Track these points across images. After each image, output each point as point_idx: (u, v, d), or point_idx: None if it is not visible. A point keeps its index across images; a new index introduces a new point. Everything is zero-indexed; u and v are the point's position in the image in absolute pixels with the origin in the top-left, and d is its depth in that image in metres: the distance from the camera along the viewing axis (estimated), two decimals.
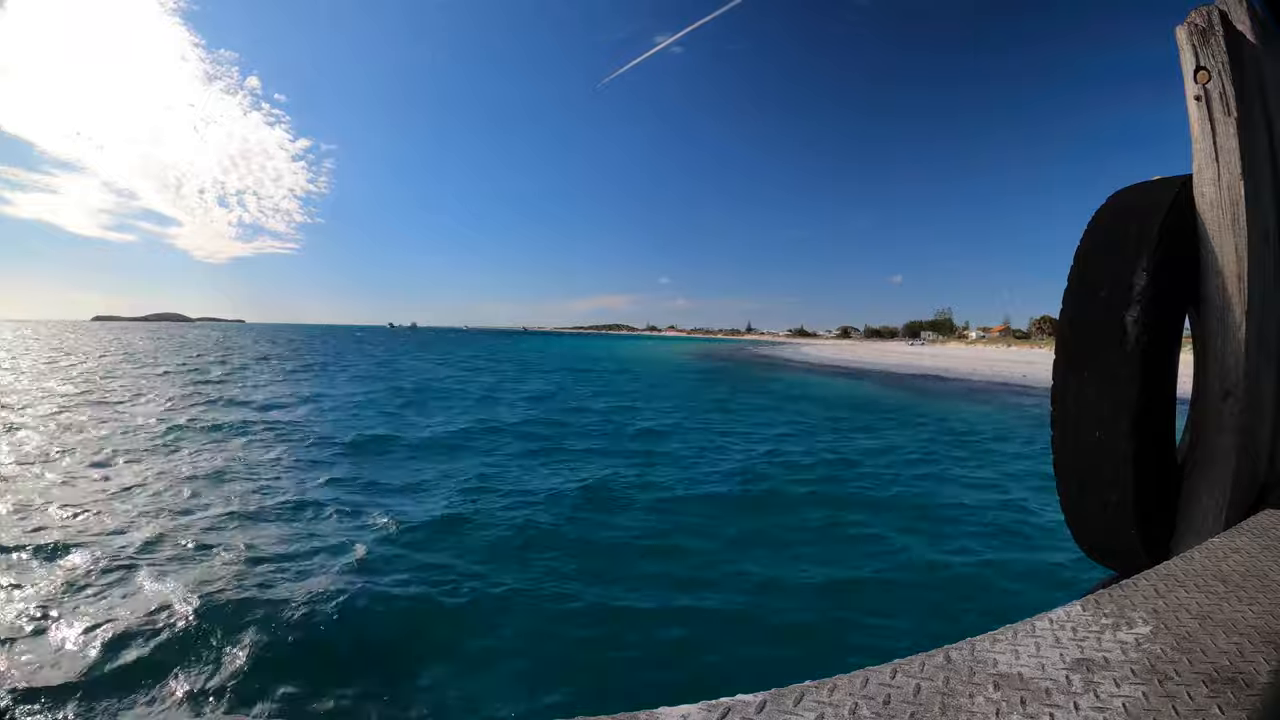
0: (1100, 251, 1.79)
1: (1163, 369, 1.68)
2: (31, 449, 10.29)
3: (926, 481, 9.71)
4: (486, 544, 6.35)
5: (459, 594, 5.11)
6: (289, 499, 7.75)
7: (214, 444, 11.30)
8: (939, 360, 49.99)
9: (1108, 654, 1.01)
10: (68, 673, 3.86)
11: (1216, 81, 1.78)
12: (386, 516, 7.02)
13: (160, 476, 8.74)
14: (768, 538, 6.74)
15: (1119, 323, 1.67)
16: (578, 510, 7.55)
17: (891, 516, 7.64)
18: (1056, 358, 1.82)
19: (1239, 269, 1.75)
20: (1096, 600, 1.22)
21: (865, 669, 0.96)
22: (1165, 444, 1.77)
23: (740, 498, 8.42)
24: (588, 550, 6.24)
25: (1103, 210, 1.88)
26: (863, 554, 6.29)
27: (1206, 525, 1.77)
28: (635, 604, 4.99)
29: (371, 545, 6.09)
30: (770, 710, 0.85)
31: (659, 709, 0.84)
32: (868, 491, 8.87)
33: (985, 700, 0.88)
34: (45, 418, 13.43)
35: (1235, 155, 1.75)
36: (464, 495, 8.18)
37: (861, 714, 0.84)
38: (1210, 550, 1.49)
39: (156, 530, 6.37)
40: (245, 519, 6.90)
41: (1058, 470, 1.83)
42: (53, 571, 5.34)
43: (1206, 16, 1.81)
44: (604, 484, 8.84)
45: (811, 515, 7.60)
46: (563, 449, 11.74)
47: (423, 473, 9.53)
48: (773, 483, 9.19)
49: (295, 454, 10.62)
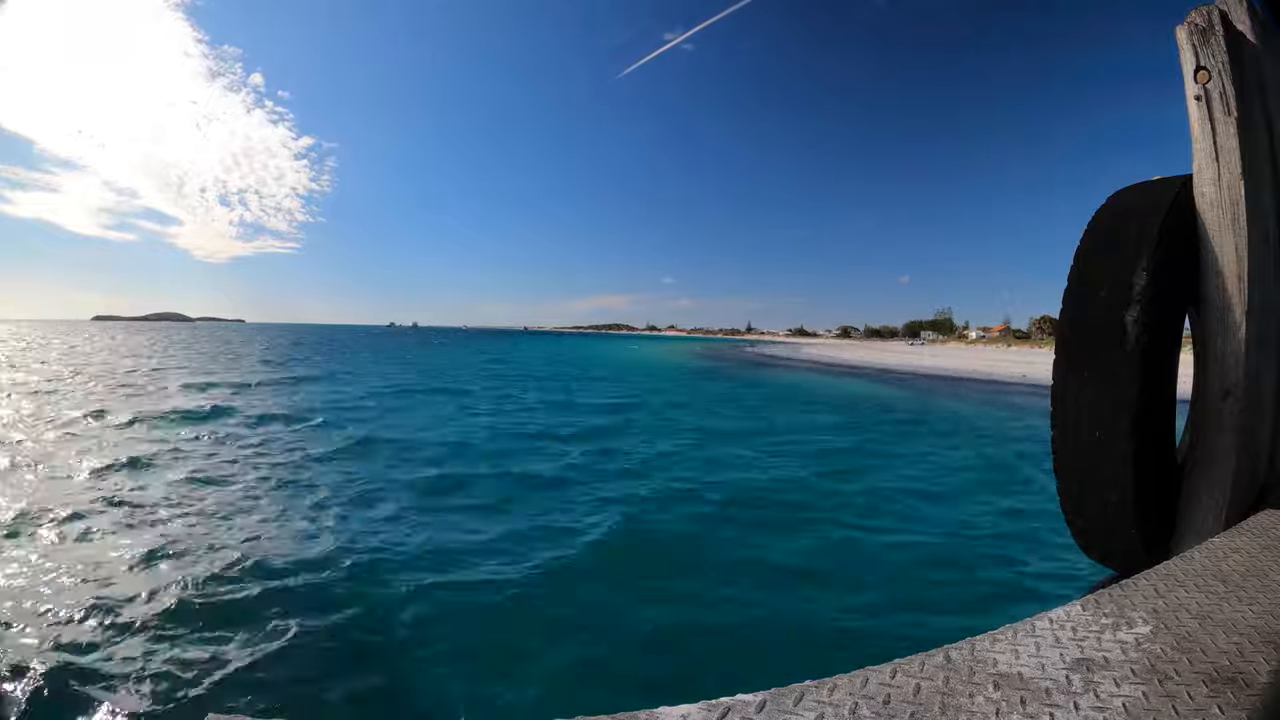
0: (1100, 251, 1.79)
1: (1163, 369, 1.68)
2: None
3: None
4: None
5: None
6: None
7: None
8: (945, 360, 48.87)
9: (1108, 654, 1.01)
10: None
11: (1216, 81, 1.78)
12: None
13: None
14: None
15: (1119, 323, 1.67)
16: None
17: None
18: (1056, 358, 1.81)
19: (1239, 269, 1.75)
20: (1096, 600, 1.22)
21: (865, 669, 0.96)
22: (1165, 444, 1.77)
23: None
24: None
25: (1103, 210, 1.88)
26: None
27: (1206, 525, 1.77)
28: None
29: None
30: (770, 710, 0.84)
31: (659, 709, 0.84)
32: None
33: (985, 700, 0.87)
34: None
35: (1235, 155, 1.75)
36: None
37: (861, 714, 0.84)
38: (1210, 550, 1.49)
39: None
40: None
41: (1058, 470, 1.83)
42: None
43: (1206, 16, 1.81)
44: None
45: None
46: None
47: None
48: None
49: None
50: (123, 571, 5.31)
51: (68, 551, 5.74)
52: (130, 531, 6.33)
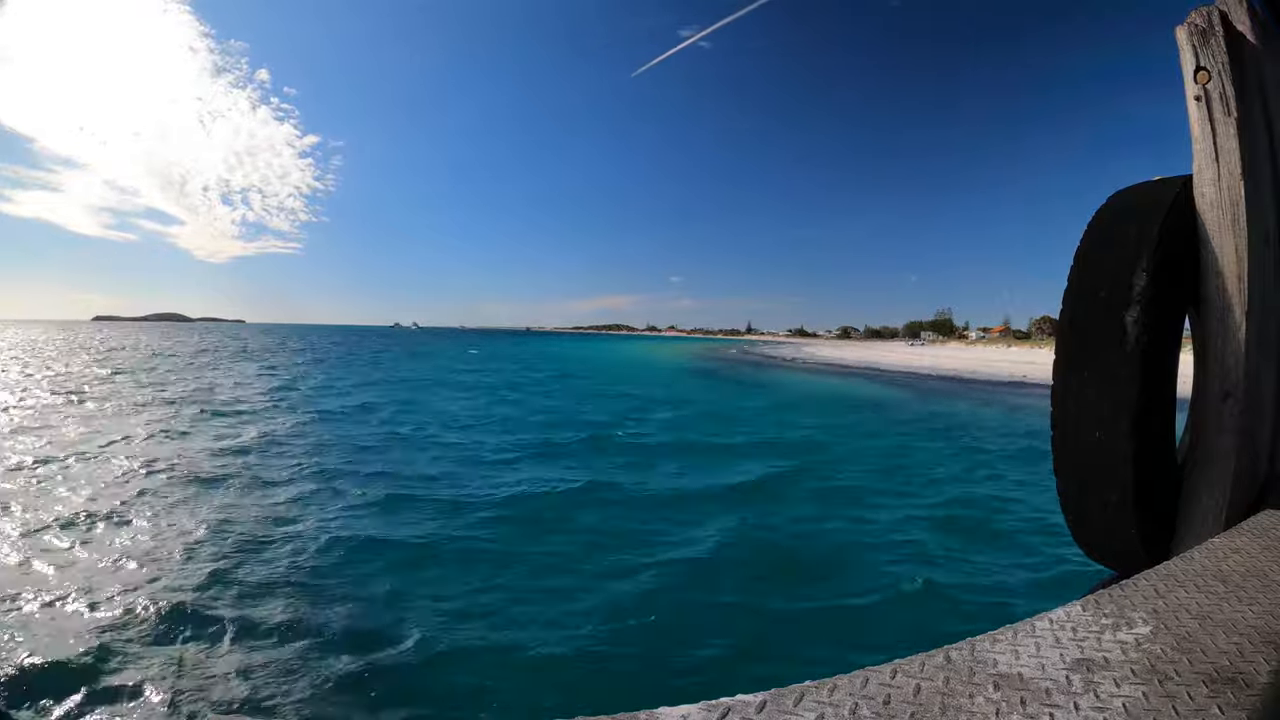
0: (1100, 252, 1.79)
1: (1163, 369, 1.68)
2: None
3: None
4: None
5: None
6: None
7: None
8: (959, 361, 47.57)
9: (1108, 654, 1.01)
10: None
11: (1216, 81, 1.78)
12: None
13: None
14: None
15: (1119, 323, 1.67)
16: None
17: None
18: (1056, 358, 1.81)
19: (1239, 269, 1.75)
20: (1096, 600, 1.22)
21: (865, 669, 0.96)
22: (1165, 444, 1.76)
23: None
24: None
25: (1103, 210, 1.88)
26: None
27: (1206, 525, 1.77)
28: None
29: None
30: (770, 710, 0.84)
31: (659, 709, 0.84)
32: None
33: (985, 700, 0.87)
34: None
35: (1235, 155, 1.75)
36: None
37: (861, 714, 0.84)
38: (1210, 550, 1.49)
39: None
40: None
41: (1058, 470, 1.83)
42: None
43: (1206, 16, 1.81)
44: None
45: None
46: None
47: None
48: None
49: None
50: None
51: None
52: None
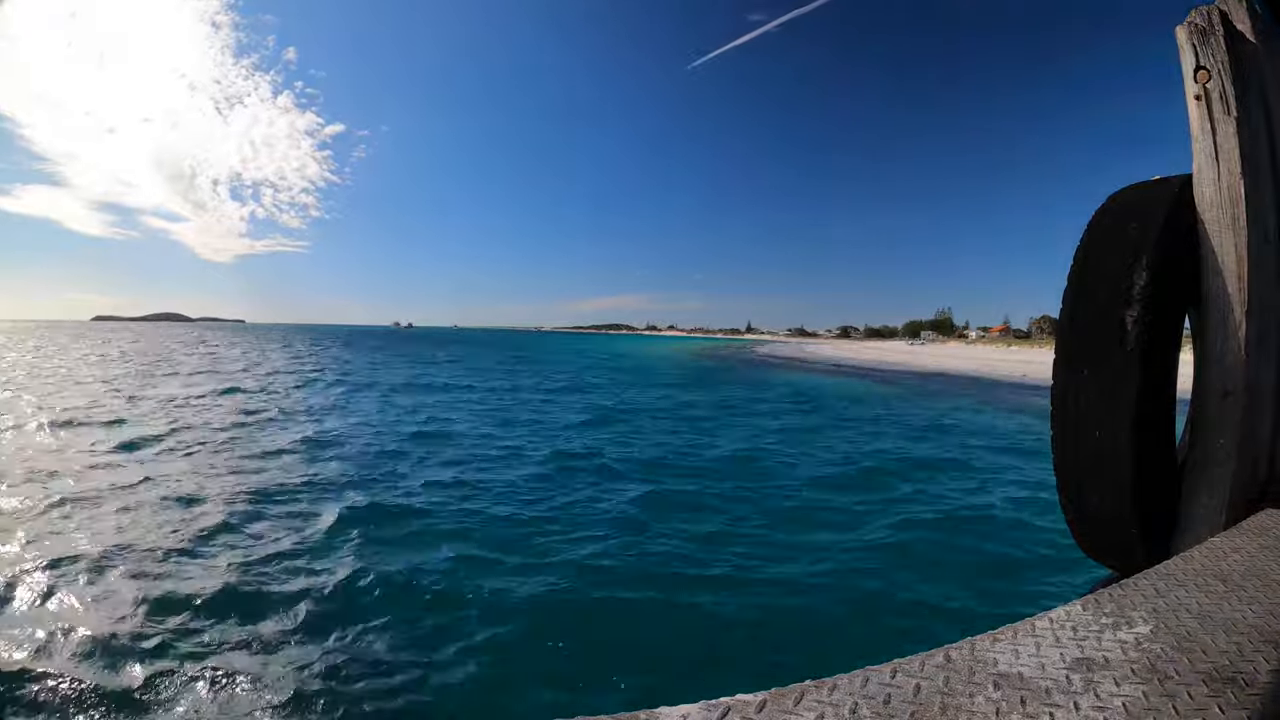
0: (1100, 251, 1.79)
1: (1163, 369, 1.68)
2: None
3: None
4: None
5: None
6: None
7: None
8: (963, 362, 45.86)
9: (1108, 653, 1.01)
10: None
11: (1216, 81, 1.78)
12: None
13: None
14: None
15: (1119, 323, 1.67)
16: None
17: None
18: (1056, 358, 1.81)
19: (1239, 269, 1.75)
20: (1096, 600, 1.22)
21: (865, 669, 0.96)
22: (1165, 444, 1.76)
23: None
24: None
25: (1103, 210, 1.88)
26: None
27: (1206, 525, 1.77)
28: None
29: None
30: (770, 710, 0.85)
31: (659, 709, 0.84)
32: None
33: (985, 700, 0.87)
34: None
35: (1235, 155, 1.75)
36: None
37: (861, 714, 0.84)
38: (1210, 550, 1.49)
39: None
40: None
41: (1058, 470, 1.83)
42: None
43: (1206, 16, 1.81)
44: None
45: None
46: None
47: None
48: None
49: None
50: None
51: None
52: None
